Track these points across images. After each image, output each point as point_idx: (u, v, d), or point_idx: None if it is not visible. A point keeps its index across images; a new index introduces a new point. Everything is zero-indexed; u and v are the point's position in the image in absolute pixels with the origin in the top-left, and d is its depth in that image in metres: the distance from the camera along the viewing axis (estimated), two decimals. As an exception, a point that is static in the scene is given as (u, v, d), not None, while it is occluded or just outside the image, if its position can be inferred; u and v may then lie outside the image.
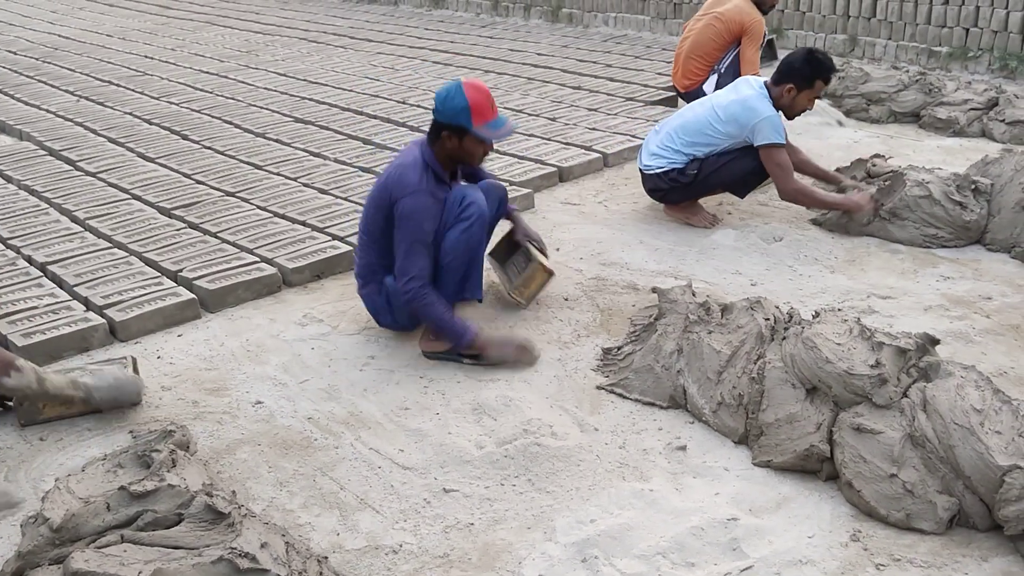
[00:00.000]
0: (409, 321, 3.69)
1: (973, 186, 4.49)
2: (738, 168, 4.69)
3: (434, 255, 3.54)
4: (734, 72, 6.43)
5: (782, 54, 7.67)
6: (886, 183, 4.69)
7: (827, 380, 2.84)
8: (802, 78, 4.60)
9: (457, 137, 3.47)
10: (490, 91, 3.50)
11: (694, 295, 3.51)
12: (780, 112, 4.70)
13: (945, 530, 2.60)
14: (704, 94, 6.19)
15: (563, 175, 5.65)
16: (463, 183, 3.76)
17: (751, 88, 4.71)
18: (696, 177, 4.71)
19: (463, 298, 3.74)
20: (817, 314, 3.14)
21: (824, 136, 6.29)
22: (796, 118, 4.91)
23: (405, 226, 3.46)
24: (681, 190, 4.78)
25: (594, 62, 8.75)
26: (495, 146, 3.73)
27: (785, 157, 4.64)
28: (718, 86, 6.14)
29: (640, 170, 4.92)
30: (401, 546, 2.62)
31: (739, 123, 4.62)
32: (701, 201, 4.99)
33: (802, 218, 4.88)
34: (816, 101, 4.81)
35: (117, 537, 2.34)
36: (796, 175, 4.73)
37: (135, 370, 3.40)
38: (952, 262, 4.32)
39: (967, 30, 8.17)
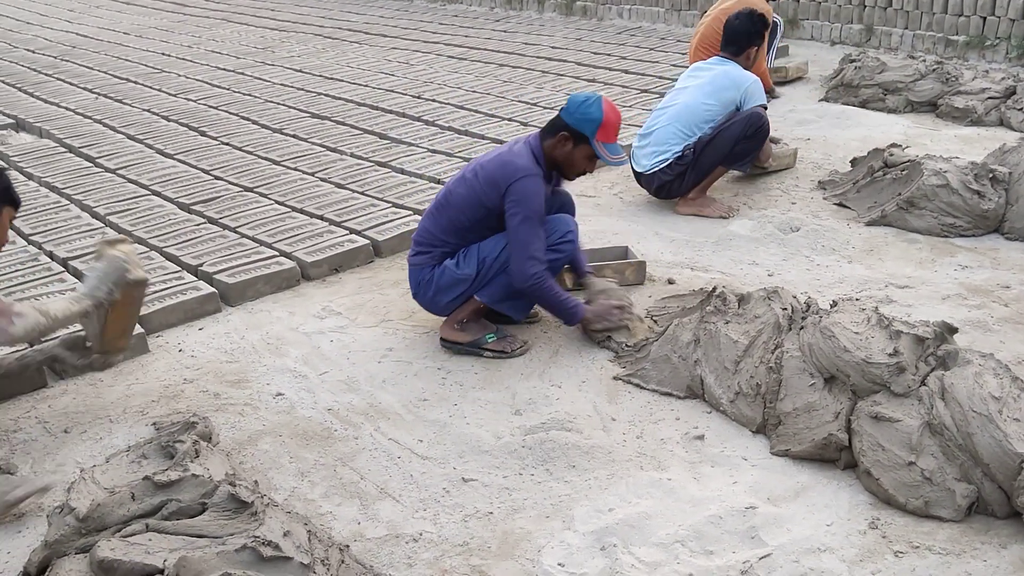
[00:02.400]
0: (446, 308, 3.62)
1: (991, 175, 4.48)
2: (728, 136, 4.77)
3: (506, 264, 3.49)
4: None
5: (795, 44, 7.65)
6: (903, 172, 4.68)
7: (845, 369, 2.85)
8: (759, 36, 5.01)
9: (573, 142, 3.50)
10: (621, 120, 3.59)
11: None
12: None
13: (963, 517, 2.60)
14: None
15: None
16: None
17: (720, 64, 4.96)
18: (694, 157, 4.78)
19: (501, 310, 3.63)
20: (835, 303, 3.14)
21: (843, 125, 6.27)
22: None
23: (521, 206, 3.42)
24: (683, 176, 4.83)
25: (608, 54, 8.75)
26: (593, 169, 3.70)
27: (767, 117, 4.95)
28: None
29: (640, 175, 4.96)
30: (421, 535, 2.64)
31: (732, 89, 4.83)
32: (716, 194, 5.00)
33: (820, 208, 4.87)
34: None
35: (142, 526, 2.37)
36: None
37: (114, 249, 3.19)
38: (970, 251, 4.31)
39: (984, 19, 8.11)
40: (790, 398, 2.95)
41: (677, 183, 4.85)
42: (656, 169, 4.85)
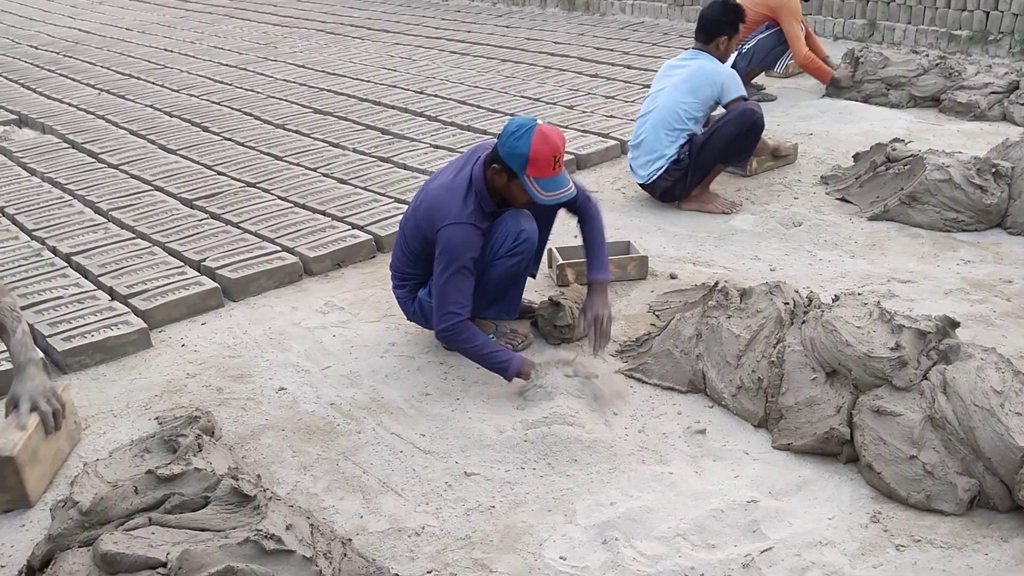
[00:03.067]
0: (430, 324, 3.51)
1: (994, 170, 4.47)
2: (724, 135, 4.73)
3: (474, 278, 3.31)
4: (758, 52, 6.53)
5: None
6: (906, 167, 4.68)
7: (847, 363, 2.85)
8: (730, 25, 4.92)
9: (507, 176, 3.20)
10: (562, 146, 3.19)
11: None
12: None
13: (965, 511, 2.60)
14: None
15: (580, 163, 5.67)
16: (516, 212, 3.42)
17: (693, 59, 4.90)
18: (691, 157, 4.76)
19: (490, 316, 3.62)
20: (837, 298, 3.14)
21: (846, 120, 6.27)
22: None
23: (445, 255, 3.21)
24: (684, 176, 4.81)
25: (611, 50, 8.75)
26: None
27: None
28: (735, 65, 6.27)
29: (642, 187, 4.98)
30: (423, 528, 2.65)
31: (709, 86, 4.76)
32: (719, 189, 5.00)
33: (822, 203, 4.87)
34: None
35: (145, 520, 2.37)
36: None
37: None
38: (972, 246, 4.30)
39: (987, 13, 8.10)
40: (792, 392, 2.95)
41: (679, 186, 4.85)
42: (655, 178, 4.85)
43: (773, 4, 6.51)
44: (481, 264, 3.34)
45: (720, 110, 4.90)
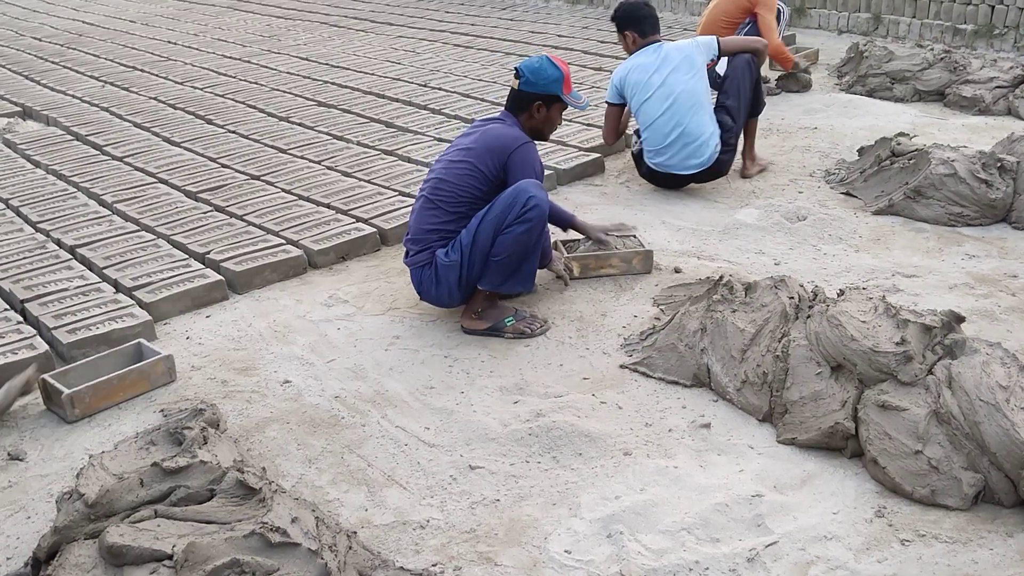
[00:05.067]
0: (449, 298, 3.66)
1: (999, 164, 4.46)
2: (746, 88, 5.04)
3: (485, 245, 3.52)
4: None
5: (802, 33, 7.72)
6: (911, 162, 4.67)
7: (852, 358, 2.85)
8: (629, 22, 5.01)
9: (547, 106, 3.67)
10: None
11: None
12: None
13: (970, 506, 2.60)
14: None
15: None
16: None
17: (656, 51, 4.91)
18: (732, 124, 4.99)
19: (508, 291, 3.71)
20: (842, 292, 3.13)
21: (850, 114, 6.26)
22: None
23: (522, 170, 3.57)
24: (733, 146, 5.03)
25: (615, 43, 8.71)
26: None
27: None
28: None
29: (692, 175, 4.96)
30: (428, 521, 2.65)
31: (701, 53, 4.91)
32: (723, 182, 5.04)
33: (827, 197, 4.86)
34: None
35: (151, 512, 2.38)
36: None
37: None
38: (977, 240, 4.30)
39: (992, 7, 8.08)
40: (797, 387, 2.95)
41: (731, 153, 5.02)
42: (718, 155, 4.91)
43: None
44: (492, 236, 3.52)
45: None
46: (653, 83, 4.83)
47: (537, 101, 3.66)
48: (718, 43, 4.95)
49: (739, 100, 4.99)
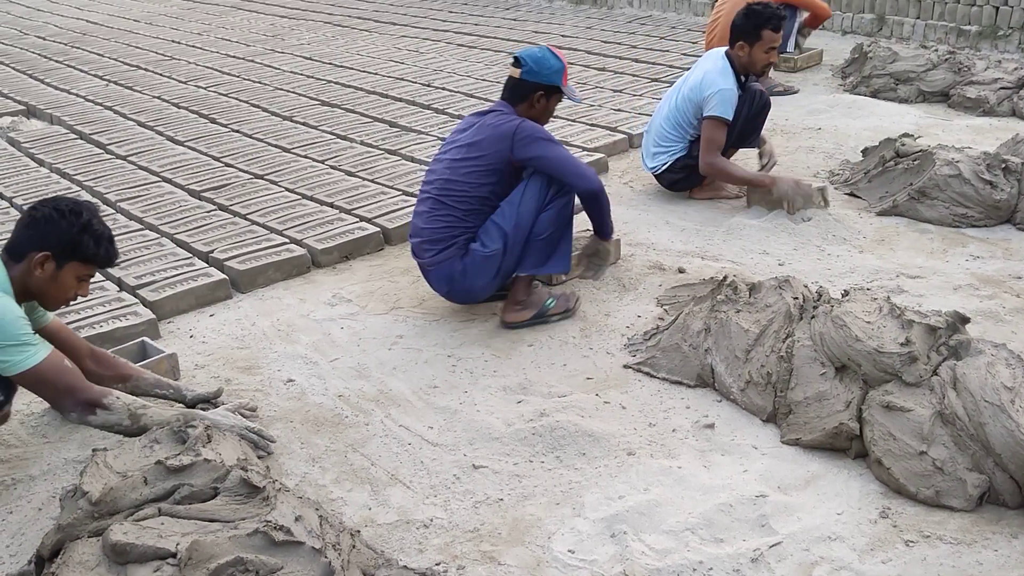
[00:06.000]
0: (483, 290, 3.65)
1: (1003, 165, 4.45)
2: (737, 131, 4.76)
3: (527, 226, 3.57)
4: None
5: (812, 37, 7.67)
6: (915, 163, 4.66)
7: (857, 358, 2.84)
8: (746, 33, 4.64)
9: (547, 97, 3.68)
10: None
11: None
12: (748, 75, 4.75)
13: (975, 507, 2.60)
14: None
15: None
16: None
17: (713, 62, 4.73)
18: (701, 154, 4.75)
19: (548, 272, 3.76)
20: (846, 293, 3.13)
21: (854, 115, 6.25)
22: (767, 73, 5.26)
23: (538, 140, 3.57)
24: (693, 172, 4.82)
25: (619, 43, 8.73)
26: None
27: (720, 135, 4.64)
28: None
29: (651, 172, 4.97)
30: (432, 521, 2.65)
31: (701, 91, 4.66)
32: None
33: (831, 198, 4.85)
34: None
35: (154, 510, 2.37)
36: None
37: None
38: (982, 241, 4.29)
39: (997, 8, 8.06)
40: (801, 387, 2.95)
41: (693, 178, 4.87)
42: (662, 169, 4.87)
43: None
44: (534, 216, 3.57)
45: None
46: (685, 78, 4.92)
47: (539, 91, 3.66)
48: (712, 116, 4.64)
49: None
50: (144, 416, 2.78)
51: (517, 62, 3.68)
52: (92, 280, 3.96)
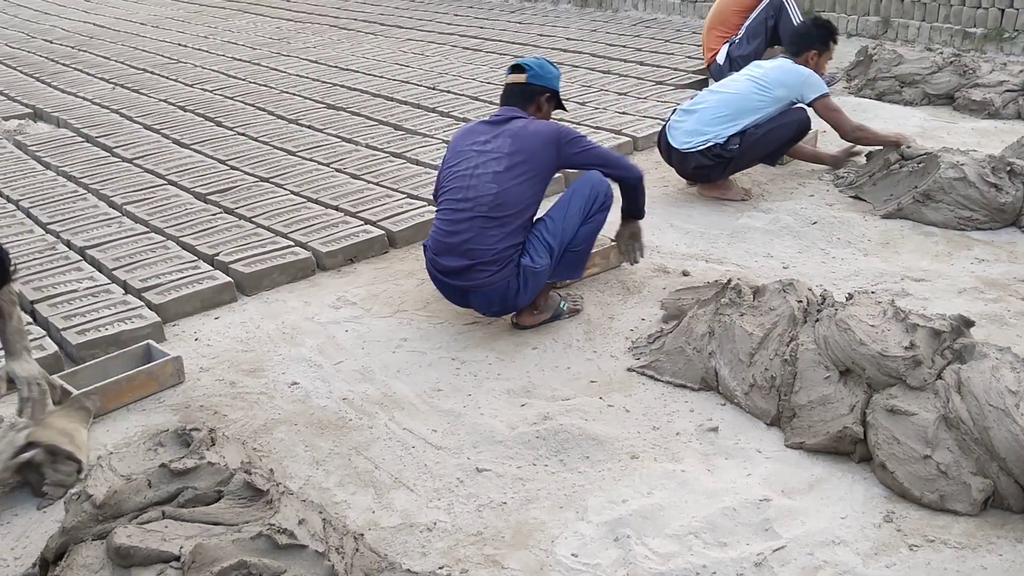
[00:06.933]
0: (526, 301, 3.60)
1: (1008, 168, 4.45)
2: (778, 136, 4.85)
3: (570, 239, 3.63)
4: (750, 38, 6.78)
5: None
6: (920, 165, 4.66)
7: (861, 362, 2.84)
8: (820, 41, 4.99)
9: (549, 101, 3.76)
10: None
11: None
12: None
13: (979, 511, 2.59)
14: (717, 64, 6.58)
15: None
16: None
17: (779, 60, 4.96)
18: (739, 151, 4.78)
19: (571, 278, 3.88)
20: (851, 296, 3.12)
21: (859, 117, 6.22)
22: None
23: (575, 137, 3.64)
24: (723, 166, 4.84)
25: (623, 46, 8.72)
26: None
27: (835, 103, 4.91)
28: (728, 54, 6.74)
29: (674, 150, 4.89)
30: (435, 524, 2.65)
31: (787, 84, 4.80)
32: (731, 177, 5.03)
33: (835, 200, 4.85)
34: None
35: (158, 513, 2.38)
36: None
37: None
38: (987, 244, 4.28)
39: (1002, 11, 8.05)
40: (805, 391, 2.94)
41: (718, 170, 4.87)
42: (695, 149, 4.80)
43: None
44: (576, 229, 3.63)
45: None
46: (743, 72, 5.05)
47: (546, 93, 3.72)
48: (820, 95, 4.85)
49: (762, 139, 4.80)
50: None
51: (520, 68, 3.71)
52: (97, 283, 4.00)
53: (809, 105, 4.85)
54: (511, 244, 3.49)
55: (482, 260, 3.47)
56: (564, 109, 3.92)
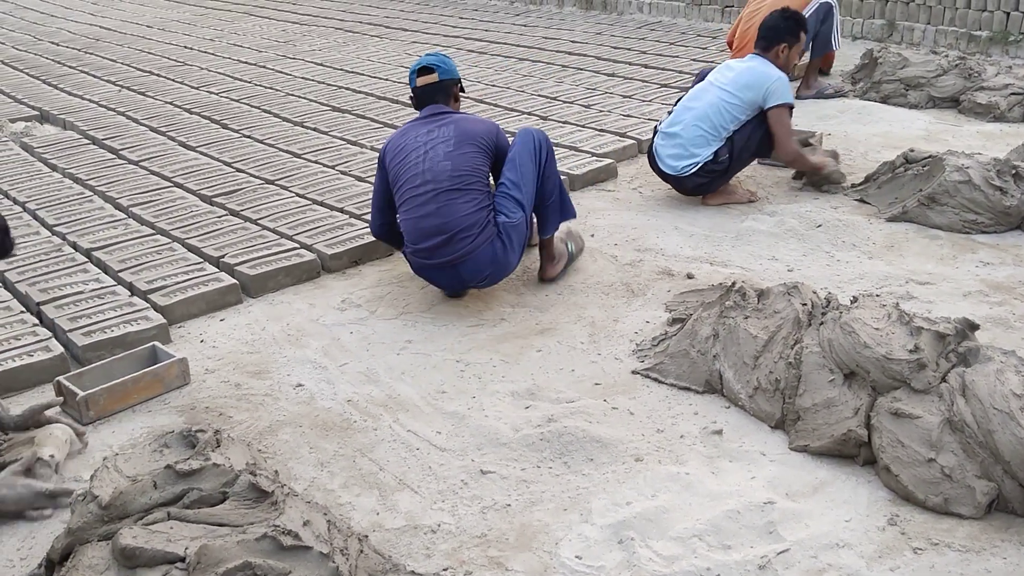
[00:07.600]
0: (517, 259, 3.90)
1: (1014, 171, 4.44)
2: (765, 130, 4.82)
3: (533, 189, 3.89)
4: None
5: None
6: (925, 169, 4.65)
7: (865, 365, 2.84)
8: (790, 33, 4.94)
9: (459, 89, 4.03)
10: None
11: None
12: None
13: (983, 515, 2.59)
14: None
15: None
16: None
17: (751, 62, 4.89)
18: (730, 160, 4.78)
19: (565, 220, 4.09)
20: (855, 299, 3.13)
21: (864, 120, 6.24)
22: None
23: (504, 136, 3.96)
24: (720, 175, 4.83)
25: (628, 49, 8.73)
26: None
27: (790, 121, 4.84)
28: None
29: (666, 175, 4.89)
30: (439, 526, 2.65)
31: (753, 88, 4.74)
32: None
33: (840, 203, 4.85)
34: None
35: (164, 514, 2.38)
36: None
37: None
38: (992, 248, 4.28)
39: (1008, 14, 8.04)
40: (809, 394, 2.94)
41: (717, 182, 4.87)
42: (689, 173, 4.80)
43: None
44: (536, 178, 3.88)
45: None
46: (710, 76, 5.01)
47: (457, 84, 3.99)
48: (779, 104, 4.75)
49: (748, 141, 4.80)
50: None
51: (428, 69, 3.90)
52: (103, 285, 4.02)
53: (766, 111, 4.75)
54: (480, 207, 3.74)
55: (459, 229, 3.71)
56: (465, 92, 4.19)
